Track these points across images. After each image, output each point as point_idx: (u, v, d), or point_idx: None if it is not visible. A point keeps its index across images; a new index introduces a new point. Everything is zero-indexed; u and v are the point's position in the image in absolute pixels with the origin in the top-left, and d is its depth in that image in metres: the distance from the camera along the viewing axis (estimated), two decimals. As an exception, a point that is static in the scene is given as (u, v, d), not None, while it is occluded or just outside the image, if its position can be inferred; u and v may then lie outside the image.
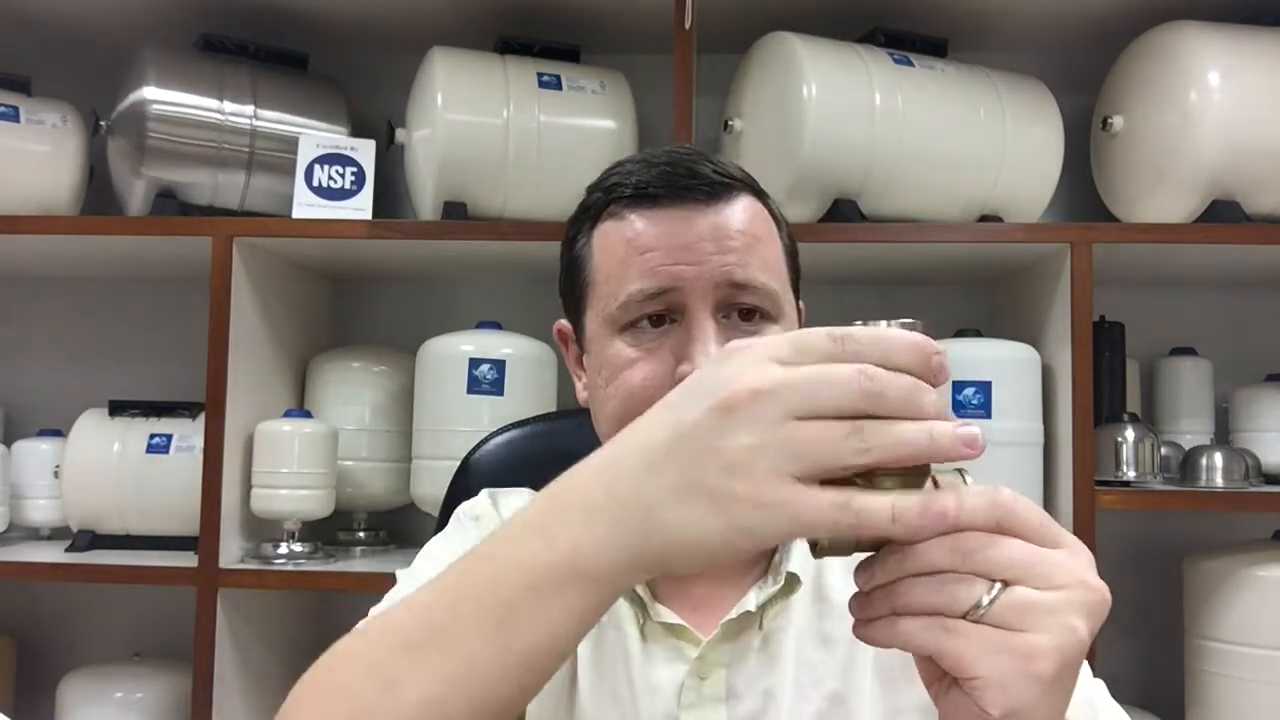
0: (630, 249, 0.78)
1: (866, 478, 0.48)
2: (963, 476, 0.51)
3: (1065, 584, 0.48)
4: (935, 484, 0.51)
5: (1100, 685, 0.78)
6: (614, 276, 0.79)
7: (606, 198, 0.81)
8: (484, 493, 0.92)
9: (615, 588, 0.52)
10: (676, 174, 0.78)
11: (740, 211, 0.79)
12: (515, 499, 0.90)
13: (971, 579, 0.48)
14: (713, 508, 0.48)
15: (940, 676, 0.52)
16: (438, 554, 0.87)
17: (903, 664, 0.80)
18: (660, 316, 0.77)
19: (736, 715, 0.79)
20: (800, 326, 0.84)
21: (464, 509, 0.91)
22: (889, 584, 0.50)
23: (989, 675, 0.47)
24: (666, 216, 0.78)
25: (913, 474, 0.49)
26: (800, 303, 0.86)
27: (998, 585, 0.48)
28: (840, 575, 0.83)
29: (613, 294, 0.78)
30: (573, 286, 0.84)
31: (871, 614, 0.51)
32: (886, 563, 0.50)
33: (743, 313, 0.78)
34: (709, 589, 0.82)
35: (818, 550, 0.52)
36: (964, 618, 0.48)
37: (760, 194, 0.83)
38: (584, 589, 0.52)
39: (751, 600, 0.80)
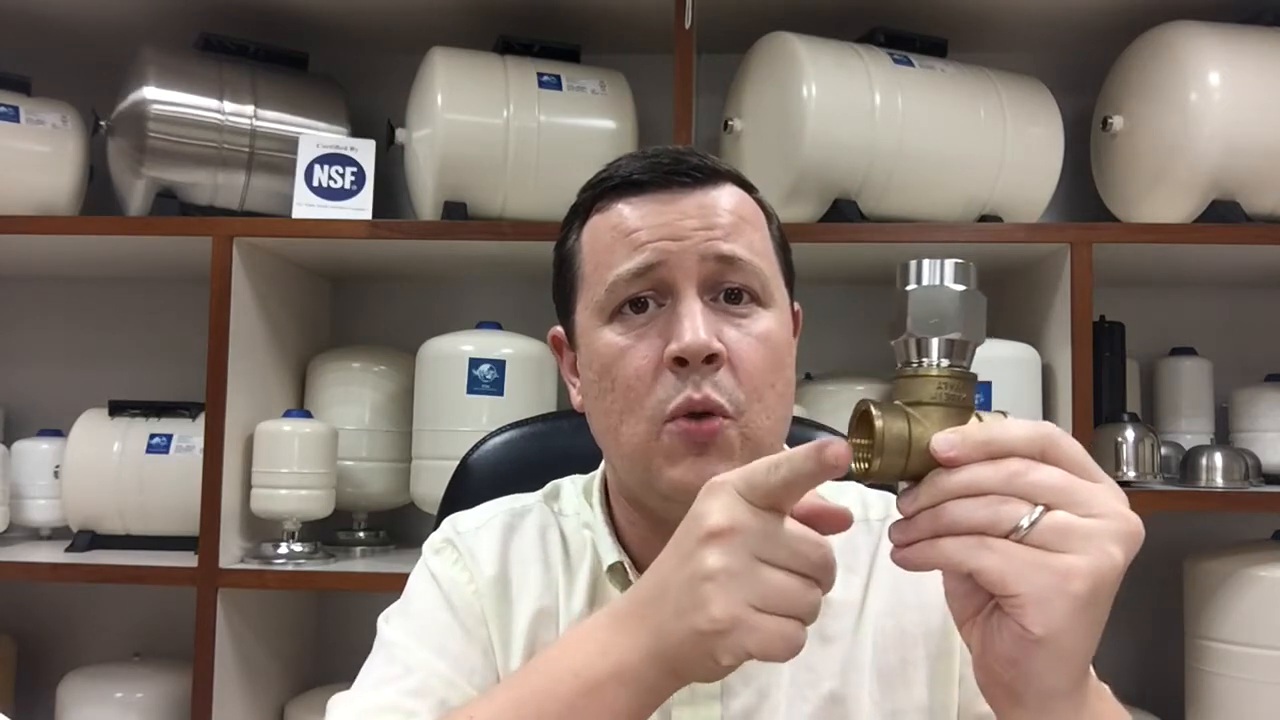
0: (616, 234, 0.78)
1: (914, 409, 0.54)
2: (1005, 416, 0.56)
3: (1103, 513, 0.51)
4: (979, 420, 0.55)
5: (1105, 688, 0.78)
6: (602, 263, 0.78)
7: (594, 194, 0.81)
8: (446, 521, 0.90)
9: (655, 694, 0.61)
10: (661, 162, 0.79)
11: (727, 196, 0.79)
12: (474, 519, 0.89)
13: (1014, 501, 0.52)
14: (698, 621, 0.56)
15: (974, 611, 0.56)
16: (418, 608, 0.85)
17: (901, 665, 0.80)
18: (646, 301, 0.76)
19: (730, 712, 0.79)
20: (796, 330, 0.84)
21: (427, 544, 0.90)
22: (933, 506, 0.53)
23: (1028, 593, 0.51)
24: (653, 199, 0.78)
25: (956, 411, 0.55)
26: (796, 305, 0.85)
27: (1039, 509, 0.51)
28: (838, 574, 0.83)
29: (601, 280, 0.78)
30: (563, 285, 0.84)
31: (913, 536, 0.54)
32: (933, 484, 0.53)
33: (730, 295, 0.77)
34: None
35: (866, 476, 0.55)
36: (1006, 538, 0.51)
37: (748, 187, 0.83)
38: (625, 692, 0.60)
39: None
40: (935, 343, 0.56)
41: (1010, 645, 0.53)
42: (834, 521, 0.58)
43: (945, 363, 0.56)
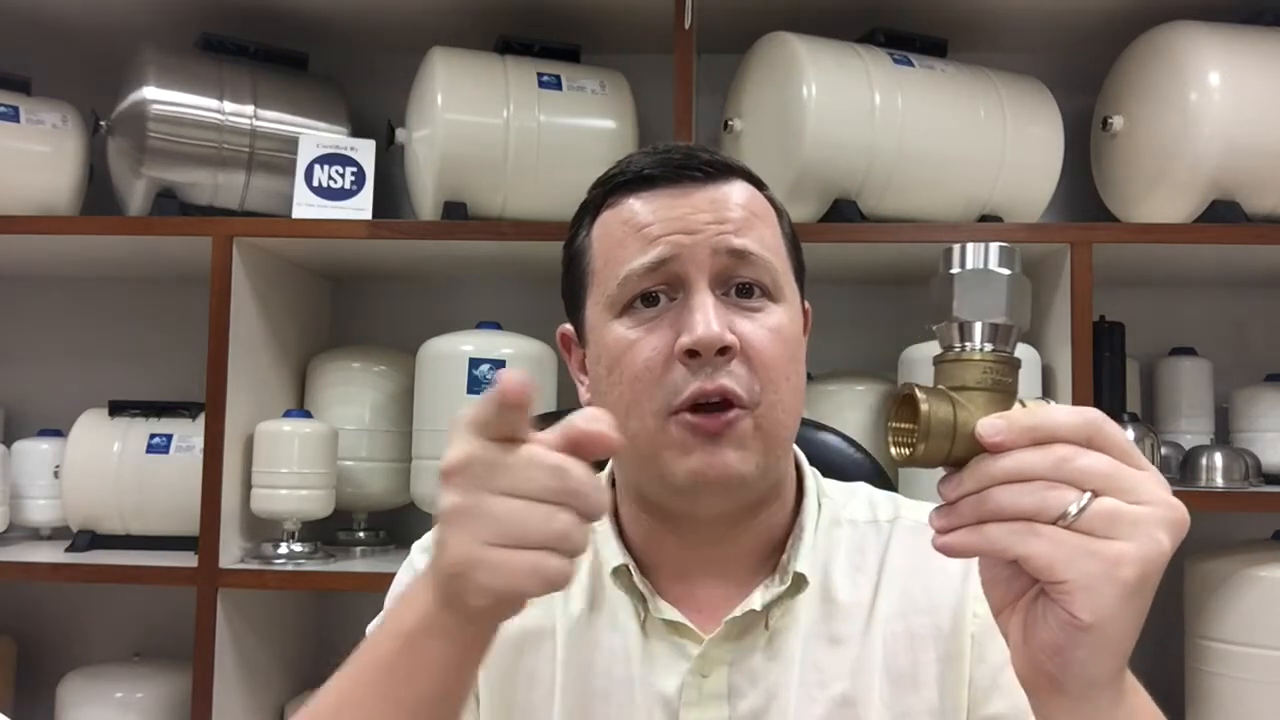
0: (628, 228, 0.78)
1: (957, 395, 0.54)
2: (1048, 402, 0.55)
3: (1150, 500, 0.51)
4: (1023, 405, 0.54)
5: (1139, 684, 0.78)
6: (613, 258, 0.78)
7: (606, 189, 0.81)
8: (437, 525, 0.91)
9: (466, 640, 0.61)
10: (673, 158, 0.79)
11: (739, 191, 0.79)
12: None
13: (1062, 487, 0.51)
14: (441, 564, 0.58)
15: (1014, 599, 0.55)
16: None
17: (912, 667, 0.79)
18: (658, 295, 0.76)
19: (738, 713, 0.78)
20: (806, 328, 0.84)
21: (416, 544, 0.90)
22: (978, 492, 0.52)
23: (1077, 579, 0.50)
24: (664, 194, 0.78)
25: (1000, 396, 0.54)
26: (806, 304, 0.85)
27: (1087, 494, 0.51)
28: (847, 576, 0.83)
29: (613, 275, 0.77)
30: (573, 281, 0.84)
31: (956, 523, 0.53)
32: (977, 470, 0.53)
33: (742, 289, 0.77)
34: (714, 590, 0.81)
35: (911, 460, 0.54)
36: (1053, 524, 0.51)
37: (759, 184, 0.83)
38: (436, 643, 0.61)
39: (757, 599, 0.79)
40: (979, 327, 0.55)
41: (1056, 632, 0.52)
42: (593, 445, 0.57)
43: (989, 347, 0.55)
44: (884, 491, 0.89)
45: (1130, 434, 1.72)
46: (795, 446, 0.84)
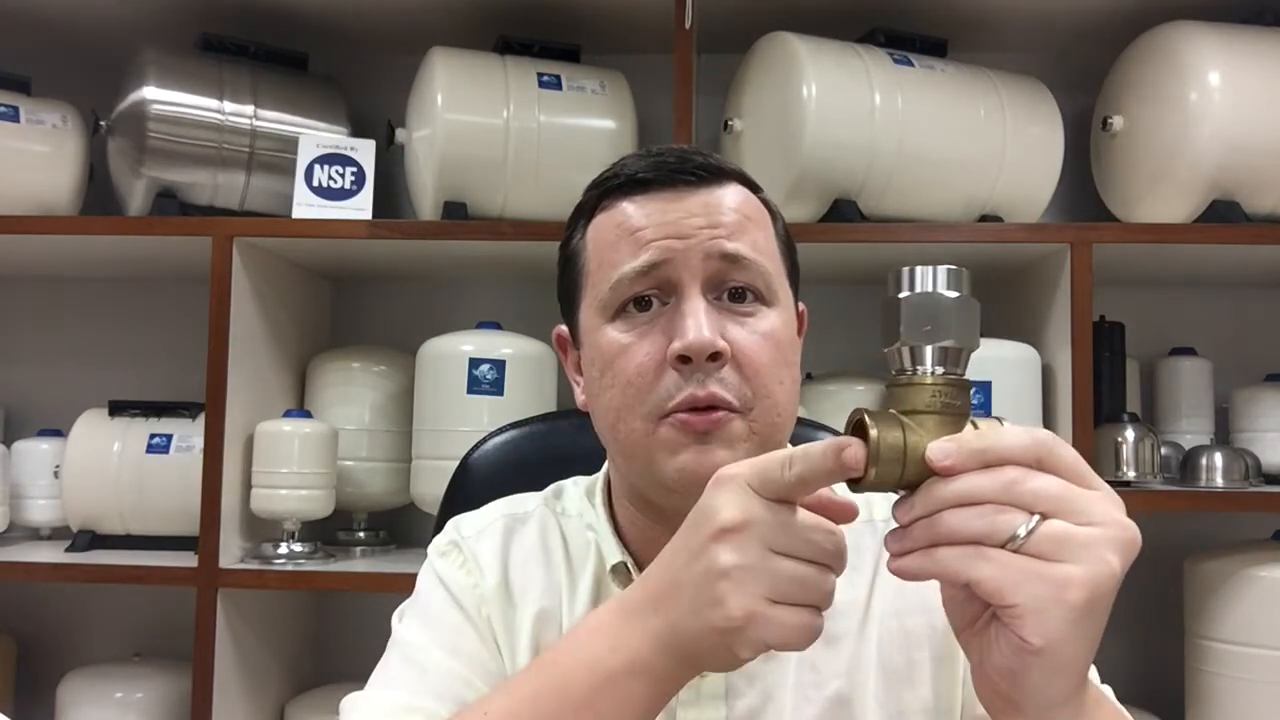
0: (621, 232, 0.78)
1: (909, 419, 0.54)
2: (1000, 422, 0.55)
3: (1101, 521, 0.51)
4: (974, 427, 0.55)
5: (1107, 691, 0.78)
6: (607, 261, 0.78)
7: (600, 192, 0.81)
8: (450, 524, 0.90)
9: (671, 683, 0.61)
10: (667, 161, 0.79)
11: (732, 195, 0.79)
12: (475, 523, 0.89)
13: (1011, 510, 0.51)
14: (714, 618, 0.57)
15: (971, 620, 0.56)
16: (430, 608, 0.85)
17: (907, 665, 0.80)
18: (650, 300, 0.76)
19: (735, 712, 0.78)
20: (801, 329, 0.84)
21: (432, 547, 0.89)
22: (929, 516, 0.53)
23: (1025, 603, 0.50)
24: (658, 198, 0.78)
25: (951, 419, 0.54)
26: (800, 304, 0.85)
27: (1035, 518, 0.51)
28: (842, 576, 0.83)
29: (605, 278, 0.78)
30: (568, 283, 0.84)
31: (909, 546, 0.54)
32: (929, 493, 0.53)
33: (734, 294, 0.77)
34: None
35: (861, 485, 0.55)
36: (1003, 547, 0.51)
37: (754, 187, 0.83)
38: (640, 684, 0.61)
39: None
40: (929, 350, 0.56)
41: (1008, 656, 0.53)
42: (842, 513, 0.59)
43: (939, 370, 0.56)
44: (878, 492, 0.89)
45: (1130, 434, 1.72)
46: (790, 444, 0.84)
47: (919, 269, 0.56)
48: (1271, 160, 1.69)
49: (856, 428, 0.56)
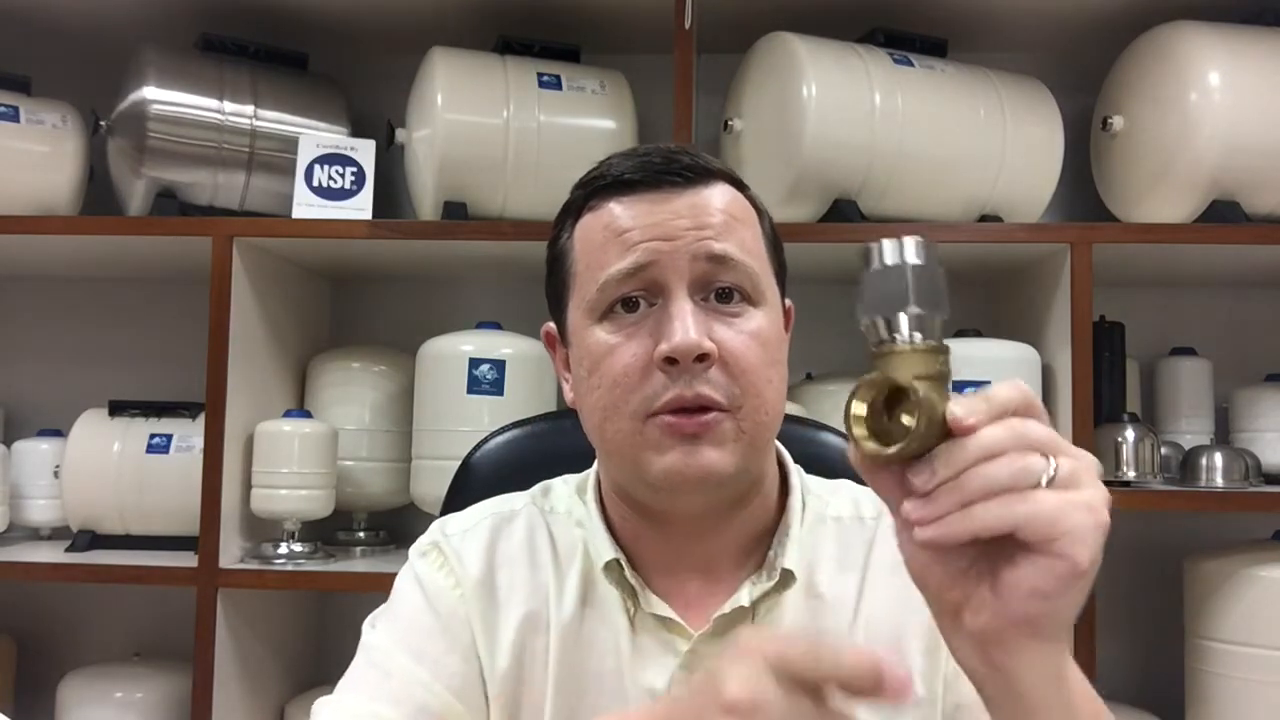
0: (608, 233, 0.78)
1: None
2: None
3: (1075, 453, 0.56)
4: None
5: None
6: (594, 263, 0.78)
7: (586, 192, 0.81)
8: (435, 524, 0.90)
9: None
10: (653, 162, 0.79)
11: (719, 195, 0.79)
12: (462, 522, 0.89)
13: (1030, 453, 0.54)
14: None
15: (958, 576, 0.57)
16: (401, 611, 0.85)
17: (897, 660, 0.80)
18: (638, 301, 0.77)
19: None
20: (788, 326, 0.85)
21: (414, 549, 0.89)
22: (953, 478, 0.54)
23: (1073, 530, 0.53)
24: (644, 199, 0.78)
25: (944, 384, 0.56)
26: (787, 301, 0.85)
27: (1050, 457, 0.54)
28: (832, 572, 0.83)
29: (593, 279, 0.78)
30: (556, 283, 0.84)
31: (938, 512, 0.54)
32: (949, 455, 0.54)
33: (721, 294, 0.77)
34: (703, 585, 0.82)
35: (897, 455, 0.55)
36: (1038, 486, 0.53)
37: (740, 185, 0.83)
38: None
39: (744, 595, 0.80)
40: (922, 318, 0.56)
41: (1048, 582, 0.54)
42: (893, 693, 0.52)
43: (921, 338, 0.56)
44: (867, 488, 0.90)
45: (1130, 434, 1.72)
46: (778, 443, 0.85)
47: (887, 241, 0.57)
48: (1271, 160, 1.69)
49: (893, 395, 0.56)
